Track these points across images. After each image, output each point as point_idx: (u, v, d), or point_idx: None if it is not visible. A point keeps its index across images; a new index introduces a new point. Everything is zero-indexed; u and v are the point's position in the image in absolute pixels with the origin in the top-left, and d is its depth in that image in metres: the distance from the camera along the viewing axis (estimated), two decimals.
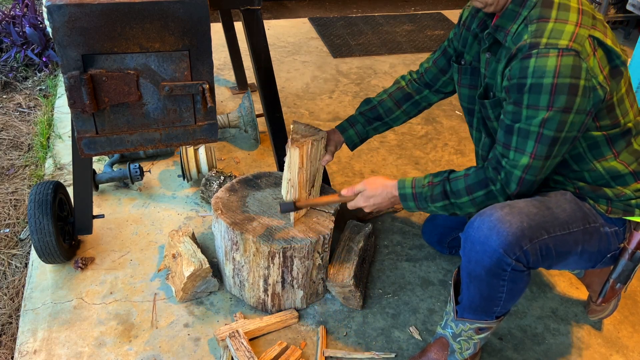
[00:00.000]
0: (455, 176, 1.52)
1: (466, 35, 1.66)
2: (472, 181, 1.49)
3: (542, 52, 1.30)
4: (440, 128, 3.00)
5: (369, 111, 1.90)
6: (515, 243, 1.37)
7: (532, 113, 1.33)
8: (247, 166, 2.60)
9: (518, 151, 1.39)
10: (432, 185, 1.54)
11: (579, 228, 1.46)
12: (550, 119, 1.32)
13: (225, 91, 3.20)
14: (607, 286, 1.66)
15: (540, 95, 1.31)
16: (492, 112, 1.51)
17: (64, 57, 1.39)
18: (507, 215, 1.39)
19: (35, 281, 1.93)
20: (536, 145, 1.36)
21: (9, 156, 2.68)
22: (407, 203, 1.59)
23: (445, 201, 1.53)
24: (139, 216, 2.25)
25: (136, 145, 1.59)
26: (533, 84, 1.31)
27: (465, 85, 1.68)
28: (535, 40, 1.32)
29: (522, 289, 1.48)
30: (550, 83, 1.29)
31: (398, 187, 1.60)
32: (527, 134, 1.36)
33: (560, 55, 1.29)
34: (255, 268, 1.77)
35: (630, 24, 4.23)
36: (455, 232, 2.02)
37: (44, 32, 3.42)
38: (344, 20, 4.31)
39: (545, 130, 1.33)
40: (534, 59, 1.31)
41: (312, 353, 1.75)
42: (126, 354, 1.71)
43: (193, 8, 1.42)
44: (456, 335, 1.62)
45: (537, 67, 1.30)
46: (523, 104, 1.34)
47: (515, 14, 1.39)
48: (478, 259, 1.42)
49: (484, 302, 1.51)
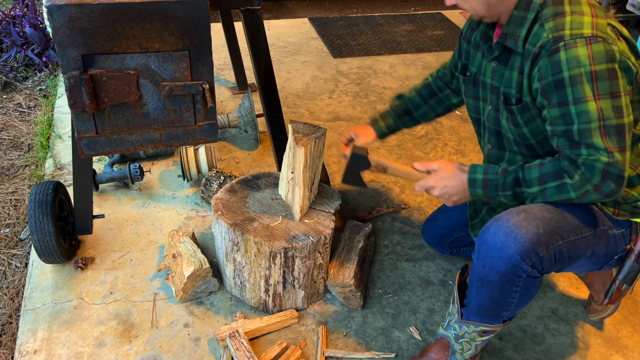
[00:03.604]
0: (530, 165, 1.46)
1: (468, 49, 1.67)
2: (547, 170, 1.40)
3: (569, 43, 1.29)
4: (440, 128, 3.00)
5: (399, 106, 1.95)
6: (532, 250, 1.36)
7: (582, 107, 1.29)
8: (247, 166, 2.60)
9: (590, 148, 1.31)
10: (505, 172, 1.48)
11: (590, 232, 1.46)
12: (604, 109, 1.28)
13: (225, 91, 3.20)
14: (614, 287, 1.66)
15: (583, 86, 1.28)
16: (521, 117, 1.48)
17: (64, 57, 1.39)
18: (524, 221, 1.37)
19: (36, 281, 1.93)
20: (605, 140, 1.29)
21: (9, 156, 2.68)
22: (474, 189, 1.52)
23: (517, 189, 1.46)
24: (139, 216, 2.25)
25: (136, 145, 1.59)
26: (572, 76, 1.28)
27: (470, 96, 1.68)
28: (558, 34, 1.30)
29: (533, 295, 1.47)
30: (589, 72, 1.27)
31: (469, 171, 1.53)
32: (589, 133, 1.30)
33: (588, 43, 1.28)
34: (256, 269, 1.77)
35: (630, 24, 4.23)
36: (456, 232, 2.01)
37: (44, 32, 3.42)
38: (344, 20, 4.31)
39: (606, 121, 1.28)
40: (562, 51, 1.29)
41: (312, 353, 1.75)
42: (126, 354, 1.71)
43: (193, 8, 1.42)
44: (459, 337, 1.62)
45: (569, 59, 1.28)
46: (569, 100, 1.31)
47: (522, 19, 1.39)
48: (493, 265, 1.40)
49: (494, 306, 1.49)
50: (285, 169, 1.81)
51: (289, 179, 1.80)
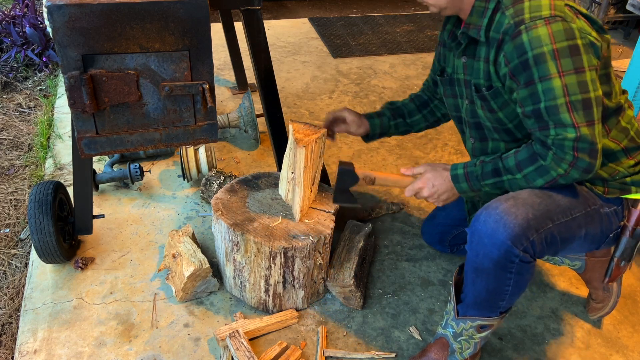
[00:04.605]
0: (507, 154, 1.51)
1: (444, 52, 1.74)
2: (522, 157, 1.46)
3: (530, 25, 1.34)
4: (440, 128, 3.00)
5: (394, 109, 1.96)
6: (522, 234, 1.38)
7: (548, 85, 1.34)
8: (247, 166, 2.60)
9: (558, 127, 1.36)
10: (483, 163, 1.54)
11: (580, 212, 1.48)
12: (570, 84, 1.33)
13: (225, 91, 3.20)
14: (612, 265, 1.67)
15: (547, 64, 1.33)
16: (494, 102, 1.52)
17: (64, 57, 1.39)
18: (512, 207, 1.41)
19: (36, 281, 1.94)
20: (572, 115, 1.34)
21: (9, 156, 2.68)
22: (459, 185, 1.58)
23: (497, 178, 1.51)
24: (139, 216, 2.25)
25: (136, 145, 1.59)
26: (535, 55, 1.33)
27: (449, 95, 1.74)
28: (519, 19, 1.36)
29: (527, 281, 1.49)
30: (551, 50, 1.32)
31: (451, 168, 1.60)
32: (556, 110, 1.34)
33: (548, 23, 1.33)
34: (256, 269, 1.77)
35: (630, 24, 4.23)
36: (456, 229, 2.02)
37: (44, 32, 3.42)
38: (344, 20, 4.31)
39: (571, 96, 1.33)
40: (524, 34, 1.35)
41: (312, 353, 1.75)
42: (126, 354, 1.71)
43: (193, 8, 1.42)
44: (457, 335, 1.62)
45: (531, 39, 1.33)
46: (535, 78, 1.35)
47: (483, 9, 1.45)
48: (486, 252, 1.42)
49: (490, 296, 1.51)
50: (285, 169, 1.81)
51: (289, 179, 1.80)
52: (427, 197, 1.64)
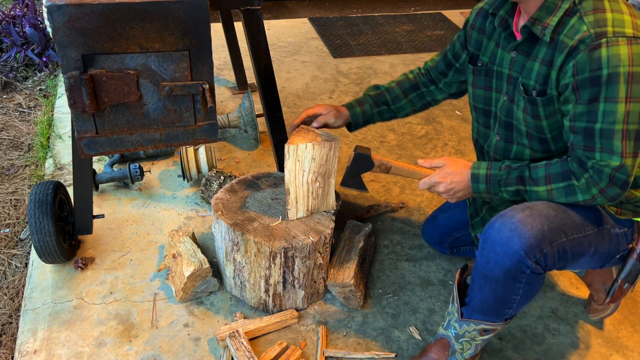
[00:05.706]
0: (536, 164, 1.47)
1: (478, 38, 1.63)
2: (555, 170, 1.41)
3: (612, 40, 1.26)
4: (440, 128, 3.00)
5: (377, 95, 1.88)
6: (536, 245, 1.36)
7: (611, 107, 1.28)
8: (247, 166, 2.60)
9: (605, 152, 1.32)
10: (509, 168, 1.49)
11: (593, 230, 1.46)
12: (632, 112, 1.27)
13: (225, 91, 3.20)
14: (616, 286, 1.66)
15: (618, 85, 1.26)
16: (544, 110, 1.45)
17: (64, 57, 1.39)
18: (528, 217, 1.38)
19: (35, 281, 1.93)
20: (624, 144, 1.29)
21: (9, 156, 2.68)
22: (477, 185, 1.54)
23: (520, 186, 1.47)
24: (139, 216, 2.25)
25: (136, 145, 1.59)
26: (610, 74, 1.26)
27: (480, 87, 1.65)
28: (600, 30, 1.27)
29: (536, 292, 1.47)
30: (627, 72, 1.25)
31: (472, 166, 1.54)
32: (611, 134, 1.29)
33: (629, 43, 1.26)
34: (256, 269, 1.77)
35: None
36: (456, 232, 2.01)
37: (44, 32, 3.42)
38: (344, 20, 4.31)
39: (630, 125, 1.28)
40: (604, 48, 1.26)
41: (312, 353, 1.75)
42: (126, 353, 1.71)
43: (193, 8, 1.42)
44: (459, 336, 1.62)
45: (610, 56, 1.25)
46: (600, 97, 1.28)
47: (555, 7, 1.36)
48: (498, 260, 1.40)
49: (497, 303, 1.49)
50: (287, 175, 1.80)
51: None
52: (442, 192, 1.59)
